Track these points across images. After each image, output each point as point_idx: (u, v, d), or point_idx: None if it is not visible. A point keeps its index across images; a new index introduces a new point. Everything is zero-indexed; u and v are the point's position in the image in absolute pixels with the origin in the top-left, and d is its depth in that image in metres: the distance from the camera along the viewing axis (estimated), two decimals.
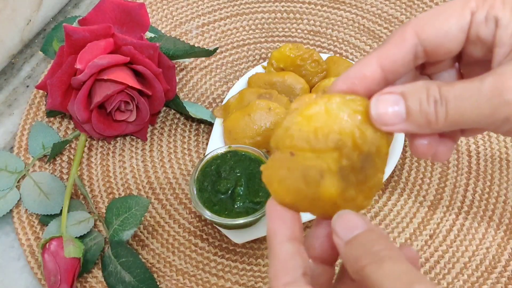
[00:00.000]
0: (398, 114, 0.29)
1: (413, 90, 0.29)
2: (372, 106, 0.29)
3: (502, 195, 0.57)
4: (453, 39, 0.30)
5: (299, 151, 0.30)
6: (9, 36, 0.67)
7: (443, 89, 0.28)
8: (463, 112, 0.28)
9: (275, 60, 0.61)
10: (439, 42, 0.30)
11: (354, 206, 0.31)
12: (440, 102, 0.28)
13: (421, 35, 0.30)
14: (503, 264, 0.53)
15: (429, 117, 0.28)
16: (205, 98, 0.65)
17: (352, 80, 0.31)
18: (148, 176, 0.60)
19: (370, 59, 0.31)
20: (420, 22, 0.30)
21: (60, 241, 0.51)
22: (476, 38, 0.30)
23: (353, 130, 0.29)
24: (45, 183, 0.57)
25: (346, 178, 0.30)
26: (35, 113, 0.64)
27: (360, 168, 0.30)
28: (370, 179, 0.30)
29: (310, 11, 0.72)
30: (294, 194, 0.30)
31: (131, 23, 0.59)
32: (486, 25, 0.30)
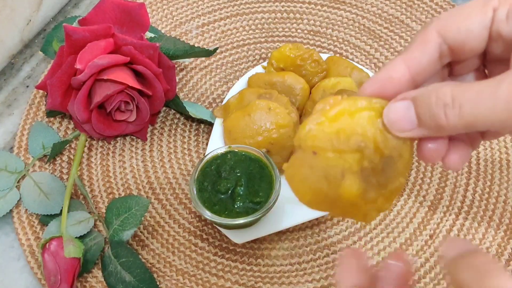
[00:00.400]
0: (410, 120, 0.29)
1: (423, 94, 0.29)
2: (384, 114, 0.30)
3: (502, 195, 0.57)
4: (476, 37, 0.30)
5: (321, 151, 0.30)
6: (9, 36, 0.67)
7: (457, 91, 0.28)
8: (478, 115, 0.27)
9: (275, 60, 0.61)
10: (463, 40, 0.30)
11: (374, 208, 0.31)
12: (452, 105, 0.28)
13: (444, 34, 0.30)
14: (503, 264, 0.53)
15: (439, 121, 0.28)
16: (205, 98, 0.65)
17: (380, 83, 0.31)
18: (148, 176, 0.60)
19: (396, 62, 0.31)
20: (442, 21, 0.31)
21: (60, 241, 0.51)
22: (497, 36, 0.30)
23: (375, 134, 0.30)
24: (45, 183, 0.57)
25: (367, 179, 0.30)
26: (35, 113, 0.64)
27: (382, 171, 0.30)
28: (391, 182, 0.31)
29: (310, 11, 0.72)
30: (315, 193, 0.31)
31: (131, 23, 0.59)
32: (507, 23, 0.30)
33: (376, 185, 0.31)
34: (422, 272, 0.53)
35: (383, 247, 0.55)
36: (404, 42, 0.69)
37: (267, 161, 0.52)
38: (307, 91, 0.59)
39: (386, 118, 0.30)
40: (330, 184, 0.30)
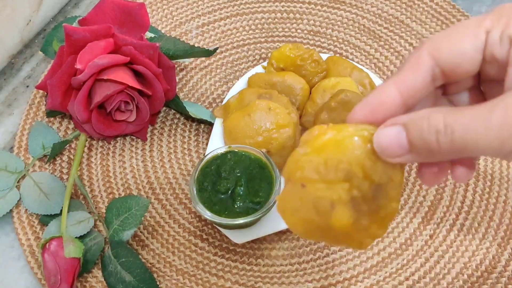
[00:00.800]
0: (401, 146, 0.29)
1: (415, 120, 0.28)
2: (374, 140, 0.29)
3: (502, 195, 0.57)
4: (469, 59, 0.30)
5: (310, 183, 0.30)
6: (9, 36, 0.67)
7: (450, 118, 0.27)
8: (470, 142, 0.27)
9: (275, 60, 0.61)
10: (456, 63, 0.30)
11: (368, 235, 0.31)
12: (444, 132, 0.27)
13: (436, 57, 0.30)
14: (503, 264, 0.53)
15: (431, 147, 0.28)
16: (205, 98, 0.65)
17: (371, 107, 0.31)
18: (148, 176, 0.60)
19: (388, 86, 0.31)
20: (435, 44, 0.30)
21: (60, 241, 0.51)
22: (491, 58, 0.30)
23: (363, 161, 0.29)
24: (45, 183, 0.57)
25: (358, 208, 0.30)
26: (35, 113, 0.64)
27: (372, 198, 0.30)
28: (383, 208, 0.30)
29: (310, 11, 0.72)
30: (307, 224, 0.31)
31: (131, 23, 0.59)
32: (501, 45, 0.29)
33: (368, 212, 0.30)
34: (422, 272, 0.53)
35: (383, 247, 0.55)
36: (404, 42, 0.69)
37: (267, 161, 0.52)
38: (307, 91, 0.59)
39: (377, 144, 0.29)
40: (320, 216, 0.30)
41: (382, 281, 0.53)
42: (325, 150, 0.30)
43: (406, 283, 0.53)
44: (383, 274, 0.53)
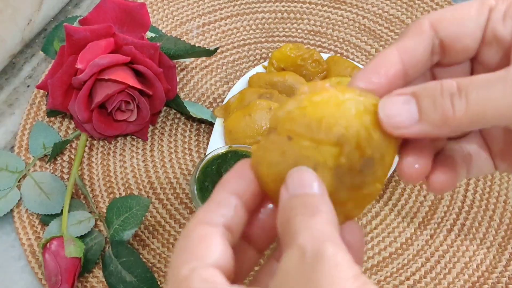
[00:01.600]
0: (410, 115, 0.26)
1: (426, 87, 0.27)
2: (380, 107, 0.27)
3: (502, 195, 0.57)
4: (470, 34, 0.29)
5: (297, 137, 0.27)
6: (10, 36, 0.67)
7: (464, 81, 0.26)
8: (487, 103, 0.25)
9: (276, 60, 0.61)
10: (456, 36, 0.29)
11: (342, 212, 0.28)
12: (459, 95, 0.26)
13: (437, 28, 0.29)
14: (503, 264, 0.53)
15: (446, 112, 0.26)
16: (205, 98, 0.65)
17: (373, 73, 0.29)
18: (149, 176, 0.60)
19: (390, 51, 0.29)
20: (437, 15, 0.29)
21: (60, 240, 0.51)
22: (492, 37, 0.29)
23: (359, 129, 0.27)
24: (46, 183, 0.57)
25: (341, 178, 0.27)
26: (35, 113, 0.64)
27: (359, 172, 0.27)
28: (366, 186, 0.28)
29: (311, 11, 0.72)
30: (280, 182, 0.27)
31: (132, 23, 0.59)
32: (504, 24, 0.28)
33: (350, 186, 0.27)
34: (423, 272, 0.53)
35: (383, 247, 0.55)
36: None
37: None
38: None
39: (383, 112, 0.27)
40: None
41: (383, 280, 0.53)
42: (322, 108, 0.27)
43: (407, 283, 0.53)
44: (384, 273, 0.53)
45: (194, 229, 0.26)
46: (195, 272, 0.24)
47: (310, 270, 0.22)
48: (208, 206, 0.27)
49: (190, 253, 0.25)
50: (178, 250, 0.25)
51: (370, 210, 0.57)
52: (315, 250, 0.23)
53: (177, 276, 0.24)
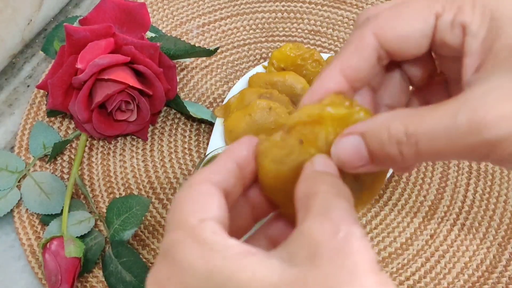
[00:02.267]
0: (362, 157, 0.27)
1: (374, 130, 0.26)
2: (332, 153, 0.27)
3: (502, 195, 0.57)
4: (415, 44, 0.28)
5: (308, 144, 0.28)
6: (10, 36, 0.67)
7: (411, 126, 0.25)
8: (438, 149, 0.25)
9: (276, 60, 0.61)
10: (401, 46, 0.28)
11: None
12: (407, 142, 0.25)
13: (381, 39, 0.28)
14: (504, 264, 0.53)
15: (394, 158, 0.26)
16: (205, 97, 0.65)
17: (317, 96, 0.29)
18: (149, 175, 0.60)
19: (332, 71, 0.29)
20: (380, 24, 0.28)
21: (60, 240, 0.51)
22: (442, 43, 0.28)
23: None
24: (46, 183, 0.57)
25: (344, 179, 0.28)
26: (35, 113, 0.64)
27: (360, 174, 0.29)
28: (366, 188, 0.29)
29: (311, 11, 0.72)
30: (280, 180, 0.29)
31: (131, 22, 0.59)
32: (452, 31, 0.28)
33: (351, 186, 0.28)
34: (423, 272, 0.53)
35: (383, 247, 0.55)
36: None
37: None
38: None
39: (336, 157, 0.27)
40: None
41: None
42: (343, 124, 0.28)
43: (406, 283, 0.53)
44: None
45: (199, 184, 0.27)
46: (204, 222, 0.25)
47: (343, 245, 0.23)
48: (213, 167, 0.28)
49: (197, 205, 0.26)
50: (183, 201, 0.26)
51: (369, 210, 0.57)
52: (348, 230, 0.23)
53: (186, 224, 0.25)
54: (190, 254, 0.24)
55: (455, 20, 0.27)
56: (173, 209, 0.26)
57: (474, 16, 0.27)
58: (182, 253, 0.24)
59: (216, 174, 0.28)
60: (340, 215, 0.24)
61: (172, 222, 0.26)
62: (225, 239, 0.25)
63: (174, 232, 0.25)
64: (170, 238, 0.25)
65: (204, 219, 0.25)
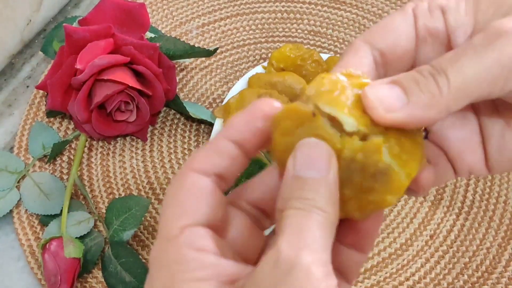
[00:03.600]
0: (398, 97, 0.25)
1: (404, 75, 0.26)
2: (368, 91, 0.25)
3: (502, 195, 0.57)
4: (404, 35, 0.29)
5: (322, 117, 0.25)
6: (9, 36, 0.67)
7: (434, 61, 0.26)
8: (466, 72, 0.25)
9: (275, 60, 0.61)
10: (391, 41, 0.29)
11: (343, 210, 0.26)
12: (438, 73, 0.25)
13: (372, 42, 0.29)
14: (503, 265, 0.53)
15: (432, 90, 0.25)
16: (205, 98, 0.65)
17: None
18: (148, 176, 0.60)
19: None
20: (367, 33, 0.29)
21: (60, 241, 0.51)
22: (426, 33, 0.29)
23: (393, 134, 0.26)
24: (45, 183, 0.57)
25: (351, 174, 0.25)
26: (35, 113, 0.63)
27: (371, 175, 0.25)
28: (374, 193, 0.25)
29: (311, 11, 0.72)
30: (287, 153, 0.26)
31: (131, 23, 0.59)
32: (432, 16, 0.28)
33: (358, 185, 0.25)
34: (423, 273, 0.53)
35: (383, 248, 0.55)
36: None
37: (267, 161, 0.52)
38: None
39: (373, 94, 0.25)
40: None
41: (383, 281, 0.53)
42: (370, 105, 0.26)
43: (406, 283, 0.53)
44: (383, 274, 0.53)
45: (186, 176, 0.25)
46: (184, 232, 0.24)
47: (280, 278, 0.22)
48: (205, 151, 0.26)
49: (181, 206, 0.24)
50: (167, 201, 0.25)
51: None
52: (289, 258, 0.22)
53: (166, 233, 0.24)
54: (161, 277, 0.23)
55: (431, 5, 0.28)
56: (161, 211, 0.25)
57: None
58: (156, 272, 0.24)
59: (208, 159, 0.26)
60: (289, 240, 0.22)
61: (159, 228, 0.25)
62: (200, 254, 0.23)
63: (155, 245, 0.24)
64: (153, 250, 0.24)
65: (185, 226, 0.24)
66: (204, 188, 0.25)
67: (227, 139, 0.27)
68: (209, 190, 0.25)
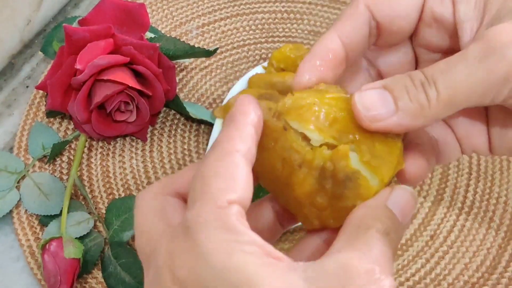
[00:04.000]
0: (387, 106, 0.26)
1: (395, 79, 0.26)
2: (356, 100, 0.26)
3: (502, 196, 0.57)
4: (405, 16, 0.29)
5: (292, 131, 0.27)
6: (8, 36, 0.67)
7: (426, 70, 0.26)
8: (456, 85, 0.25)
9: (276, 61, 0.61)
10: (391, 19, 0.29)
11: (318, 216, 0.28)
12: (428, 83, 0.25)
13: (373, 10, 0.29)
14: (503, 265, 0.53)
15: (421, 101, 0.25)
16: (205, 98, 0.65)
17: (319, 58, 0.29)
18: (148, 176, 0.59)
19: (331, 36, 0.29)
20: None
21: (60, 241, 0.51)
22: (431, 19, 0.29)
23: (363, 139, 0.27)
24: (45, 184, 0.57)
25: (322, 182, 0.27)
26: (35, 114, 0.63)
27: (341, 182, 0.27)
28: (345, 199, 0.27)
29: (311, 11, 0.72)
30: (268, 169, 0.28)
31: (131, 23, 0.58)
32: (442, 4, 0.28)
33: (330, 193, 0.27)
34: (423, 273, 0.53)
35: None
36: None
37: None
38: None
39: (360, 104, 0.26)
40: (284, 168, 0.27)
41: None
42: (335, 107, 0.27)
43: (406, 284, 0.53)
44: None
45: (229, 155, 0.25)
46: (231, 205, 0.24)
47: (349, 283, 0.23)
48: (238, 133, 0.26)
49: (227, 181, 0.25)
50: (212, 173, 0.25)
51: None
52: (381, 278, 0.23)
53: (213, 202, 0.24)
54: (215, 240, 0.23)
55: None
56: (200, 179, 0.25)
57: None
58: (205, 235, 0.23)
59: (244, 143, 0.26)
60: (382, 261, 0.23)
61: (198, 196, 0.24)
62: (248, 230, 0.24)
63: (201, 209, 0.24)
64: (196, 213, 0.24)
65: (232, 201, 0.24)
66: (248, 169, 0.25)
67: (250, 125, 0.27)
68: (250, 172, 0.26)
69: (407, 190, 0.27)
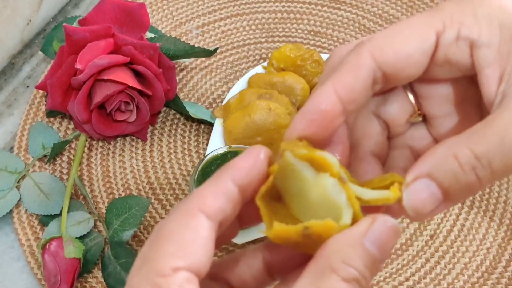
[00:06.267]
0: (436, 198, 0.25)
1: (441, 166, 0.25)
2: (406, 203, 0.25)
3: (502, 196, 0.57)
4: (415, 63, 0.27)
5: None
6: (9, 36, 0.67)
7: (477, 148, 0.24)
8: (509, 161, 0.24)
9: (276, 60, 0.61)
10: (399, 67, 0.27)
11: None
12: (481, 165, 0.24)
13: (379, 59, 0.27)
14: (503, 265, 0.53)
15: (472, 186, 0.24)
16: (205, 98, 0.65)
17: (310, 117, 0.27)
18: (148, 176, 0.60)
19: (326, 90, 0.27)
20: (377, 44, 0.27)
21: (60, 241, 0.51)
22: (444, 61, 0.27)
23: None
24: (45, 184, 0.57)
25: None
26: (35, 113, 0.63)
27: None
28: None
29: (311, 11, 0.72)
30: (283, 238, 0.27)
31: (131, 23, 0.59)
32: (458, 46, 0.27)
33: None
34: (423, 273, 0.53)
35: None
36: None
37: None
38: (308, 92, 0.59)
39: (411, 208, 0.25)
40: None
41: (382, 281, 0.53)
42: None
43: (406, 283, 0.53)
44: (383, 274, 0.53)
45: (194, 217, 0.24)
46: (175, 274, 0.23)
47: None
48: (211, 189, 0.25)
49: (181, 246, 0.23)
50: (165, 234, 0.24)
51: None
52: None
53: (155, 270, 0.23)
54: None
55: (460, 35, 0.26)
56: (155, 238, 0.24)
57: (481, 28, 0.26)
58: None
59: (213, 200, 0.25)
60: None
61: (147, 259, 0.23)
62: None
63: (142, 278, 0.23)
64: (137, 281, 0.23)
65: (178, 268, 0.23)
66: (207, 233, 0.24)
67: (233, 182, 0.26)
68: (211, 236, 0.24)
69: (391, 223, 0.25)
